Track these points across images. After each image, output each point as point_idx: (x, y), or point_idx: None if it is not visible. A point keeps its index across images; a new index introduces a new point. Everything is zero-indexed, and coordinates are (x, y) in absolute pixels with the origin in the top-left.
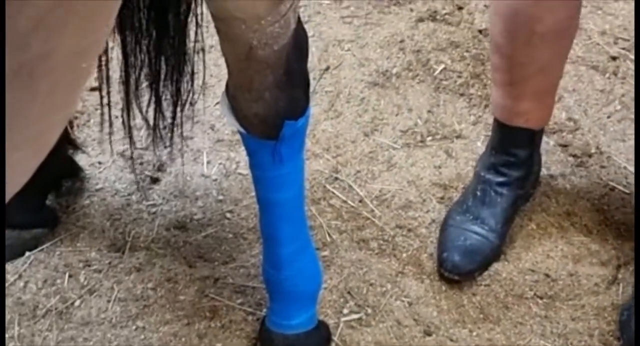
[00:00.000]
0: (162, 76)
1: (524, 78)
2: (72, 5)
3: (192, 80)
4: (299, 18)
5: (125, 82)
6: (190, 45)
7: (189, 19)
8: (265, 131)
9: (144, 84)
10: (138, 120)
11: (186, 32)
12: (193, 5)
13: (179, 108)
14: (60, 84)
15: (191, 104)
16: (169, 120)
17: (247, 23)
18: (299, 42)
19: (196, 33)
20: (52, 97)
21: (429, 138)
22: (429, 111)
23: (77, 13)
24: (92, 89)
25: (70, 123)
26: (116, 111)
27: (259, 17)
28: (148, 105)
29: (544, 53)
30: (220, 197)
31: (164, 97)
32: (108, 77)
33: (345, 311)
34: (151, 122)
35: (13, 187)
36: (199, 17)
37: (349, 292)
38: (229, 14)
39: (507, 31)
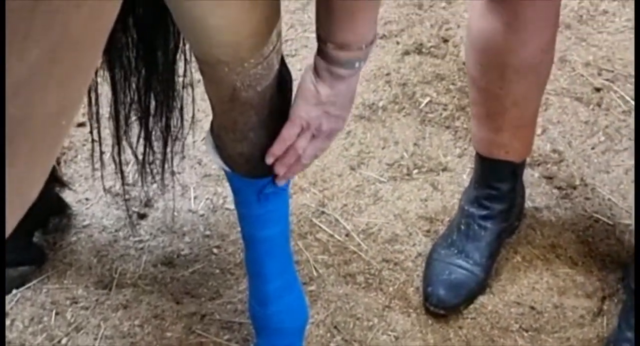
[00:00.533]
0: (152, 112)
1: (500, 111)
2: (50, 70)
3: (182, 116)
4: (282, 58)
5: (115, 119)
6: (179, 80)
7: (178, 56)
8: (250, 170)
9: (133, 120)
10: (124, 156)
11: (175, 69)
12: (181, 43)
13: (169, 144)
14: (40, 143)
15: (178, 139)
16: (159, 156)
17: (230, 65)
18: (283, 82)
19: (185, 69)
20: (32, 157)
21: (415, 171)
22: (415, 144)
23: (56, 77)
24: (79, 125)
25: (57, 160)
26: (104, 147)
27: (242, 59)
28: (137, 141)
29: (518, 86)
30: (208, 233)
31: (154, 133)
32: (98, 113)
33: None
34: (140, 158)
35: None
36: (187, 54)
37: (335, 327)
38: (213, 57)
39: (480, 64)
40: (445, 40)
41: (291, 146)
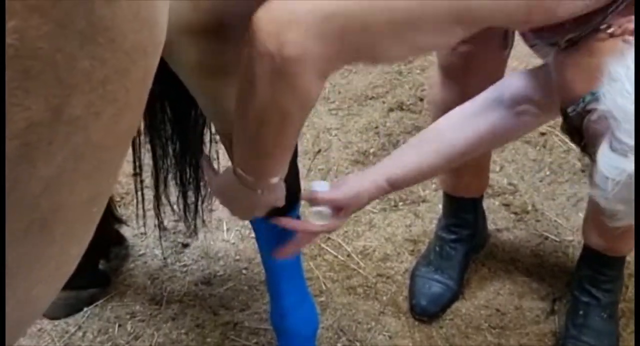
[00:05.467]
0: (187, 173)
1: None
2: (76, 167)
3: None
4: None
5: (155, 180)
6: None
7: (205, 130)
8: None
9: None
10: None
11: (203, 140)
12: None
13: (200, 197)
14: (74, 227)
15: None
16: (192, 206)
17: None
18: None
19: (210, 139)
20: (67, 238)
21: (401, 203)
22: None
23: (82, 172)
24: (134, 175)
25: (115, 203)
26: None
27: None
28: (178, 195)
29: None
30: (238, 257)
31: (188, 190)
32: (141, 177)
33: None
34: (182, 206)
35: (39, 310)
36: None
37: (341, 330)
38: (229, 131)
39: (435, 120)
40: (421, 99)
41: None
